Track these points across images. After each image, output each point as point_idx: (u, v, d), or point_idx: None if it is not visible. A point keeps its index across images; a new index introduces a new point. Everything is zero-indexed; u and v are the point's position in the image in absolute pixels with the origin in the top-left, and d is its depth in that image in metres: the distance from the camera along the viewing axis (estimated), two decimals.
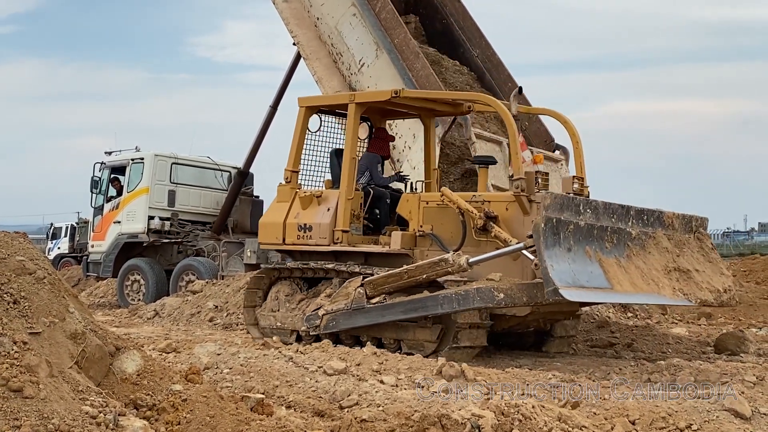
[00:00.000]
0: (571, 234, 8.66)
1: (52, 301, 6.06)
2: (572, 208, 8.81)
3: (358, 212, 10.91)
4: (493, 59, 16.33)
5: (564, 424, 5.49)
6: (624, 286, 8.79)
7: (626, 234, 9.24)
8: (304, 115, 11.50)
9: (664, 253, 9.60)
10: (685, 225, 10.12)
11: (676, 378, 8.39)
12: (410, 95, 11.02)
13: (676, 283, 9.47)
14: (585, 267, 8.63)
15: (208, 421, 5.74)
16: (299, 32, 16.15)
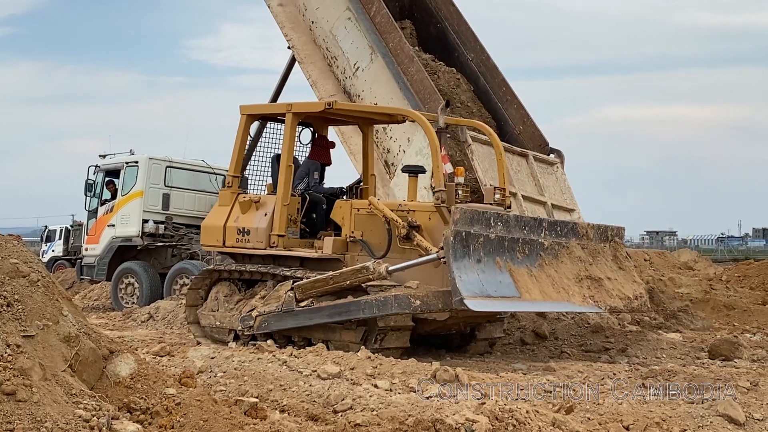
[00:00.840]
0: (481, 246, 9.14)
1: (45, 304, 6.04)
2: (482, 221, 9.24)
3: (295, 217, 11.31)
4: (487, 63, 16.34)
5: (558, 429, 5.49)
6: (533, 294, 9.29)
7: (539, 245, 9.73)
8: (245, 122, 11.88)
9: (577, 262, 10.09)
10: (600, 234, 10.58)
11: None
12: (343, 107, 11.39)
13: (586, 290, 9.94)
14: (495, 277, 9.15)
15: (202, 425, 5.73)
16: (294, 36, 16.15)
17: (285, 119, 11.37)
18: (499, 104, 16.15)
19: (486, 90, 16.30)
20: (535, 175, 14.86)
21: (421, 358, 9.56)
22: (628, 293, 10.45)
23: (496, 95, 16.20)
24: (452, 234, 8.95)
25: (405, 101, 14.34)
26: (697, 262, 22.12)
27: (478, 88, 16.41)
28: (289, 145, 11.25)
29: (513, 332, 11.43)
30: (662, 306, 13.69)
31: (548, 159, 15.43)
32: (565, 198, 15.26)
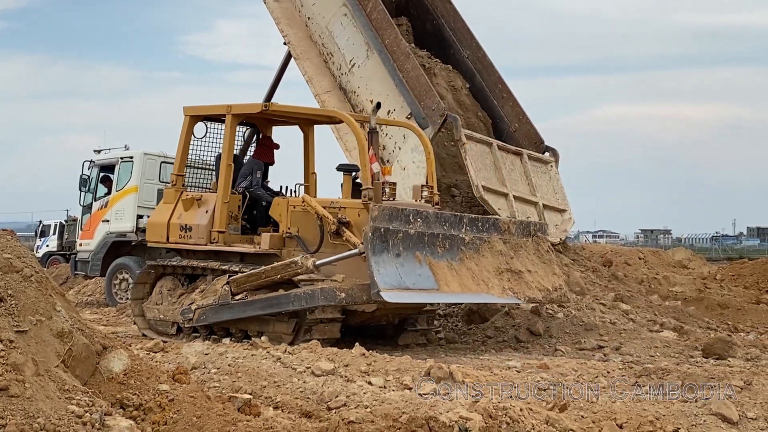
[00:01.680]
0: (400, 241, 9.63)
1: (39, 300, 6.02)
2: (402, 218, 9.74)
3: (236, 214, 11.70)
4: (483, 61, 16.34)
5: (551, 428, 5.49)
6: (452, 287, 9.84)
7: (459, 240, 10.20)
8: (188, 123, 12.25)
9: (498, 256, 10.57)
10: (523, 230, 11.11)
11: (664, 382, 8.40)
12: (279, 108, 11.67)
13: (506, 283, 10.45)
14: (414, 270, 9.66)
15: (195, 421, 5.71)
16: (290, 32, 16.12)
17: (225, 121, 11.73)
18: (494, 102, 16.16)
19: (482, 88, 16.30)
20: (529, 175, 14.86)
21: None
22: (548, 285, 10.92)
23: (492, 93, 16.20)
24: (370, 230, 9.41)
25: (401, 97, 14.34)
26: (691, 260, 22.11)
27: (474, 86, 16.41)
28: (229, 145, 11.68)
29: (507, 329, 11.44)
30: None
31: (543, 158, 15.43)
32: (557, 198, 15.26)
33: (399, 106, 14.45)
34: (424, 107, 13.98)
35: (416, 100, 14.09)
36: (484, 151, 14.24)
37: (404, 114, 14.31)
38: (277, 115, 12.04)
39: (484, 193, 13.65)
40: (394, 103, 14.50)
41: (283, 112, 11.88)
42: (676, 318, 13.05)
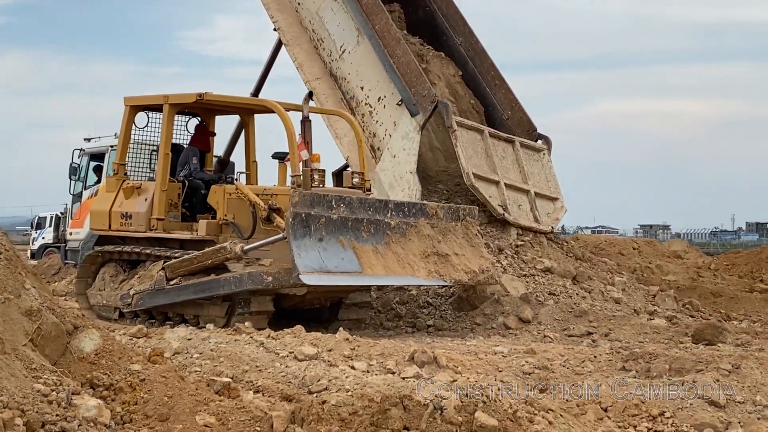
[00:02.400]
0: (323, 226, 9.84)
1: (7, 278, 5.88)
2: (324, 203, 9.93)
3: (176, 202, 11.94)
4: (476, 47, 16.16)
5: (530, 407, 5.35)
6: (376, 270, 10.06)
7: (385, 224, 10.43)
8: (128, 113, 12.48)
9: (425, 240, 10.78)
10: (451, 214, 11.30)
11: (651, 366, 8.26)
12: (212, 98, 11.83)
13: (432, 266, 10.67)
14: (337, 254, 9.90)
15: (166, 401, 5.57)
16: (280, 17, 15.95)
17: (163, 111, 12.00)
18: (487, 89, 15.99)
19: (474, 75, 16.13)
20: (521, 162, 14.71)
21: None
22: (475, 267, 11.13)
23: (485, 80, 16.03)
24: (291, 216, 9.61)
25: (391, 84, 14.18)
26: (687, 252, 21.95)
27: (467, 73, 16.24)
28: (166, 134, 11.94)
29: (496, 316, 11.31)
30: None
31: (535, 145, 15.28)
32: (549, 186, 15.11)
33: (389, 92, 14.29)
34: (414, 93, 13.82)
35: (407, 86, 13.93)
36: (476, 138, 14.09)
37: (395, 100, 14.17)
38: (213, 105, 12.31)
39: (475, 180, 13.51)
40: (385, 90, 14.35)
41: (217, 101, 12.09)
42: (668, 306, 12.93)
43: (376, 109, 14.44)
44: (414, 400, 5.03)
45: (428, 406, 4.98)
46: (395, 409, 4.97)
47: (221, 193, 11.30)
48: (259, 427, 5.25)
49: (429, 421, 4.89)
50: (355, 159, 14.66)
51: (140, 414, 5.49)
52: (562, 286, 12.68)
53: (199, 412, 5.46)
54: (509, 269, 12.70)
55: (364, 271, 9.99)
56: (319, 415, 5.23)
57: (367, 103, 14.62)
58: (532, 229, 14.12)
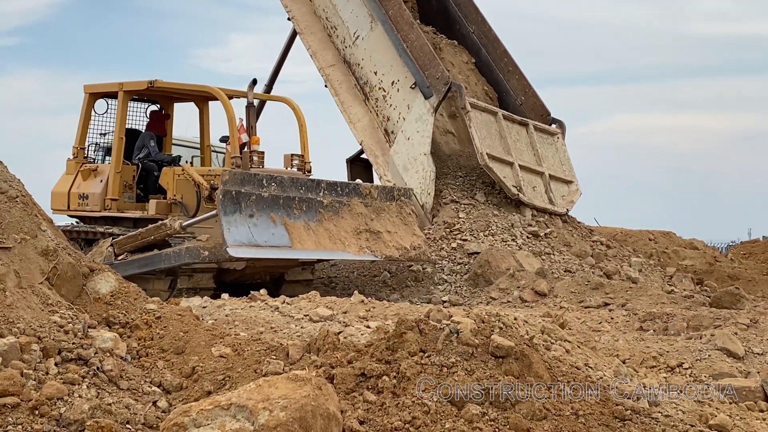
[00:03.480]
0: (253, 203, 10.23)
1: (23, 219, 5.91)
2: (254, 182, 10.34)
3: (131, 183, 12.66)
4: (489, 35, 16.17)
5: (547, 336, 5.32)
6: (306, 245, 10.55)
7: (317, 203, 10.88)
8: (87, 100, 13.14)
9: (358, 218, 11.25)
10: (386, 195, 11.82)
11: (668, 325, 8.23)
12: (163, 85, 12.52)
13: (364, 242, 11.16)
14: (267, 230, 10.32)
15: (182, 336, 5.58)
16: (294, 7, 16.00)
17: (118, 97, 12.70)
18: (500, 75, 15.98)
19: (488, 62, 16.14)
20: (534, 145, 14.69)
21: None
22: (406, 244, 11.60)
23: (498, 67, 16.03)
24: (222, 193, 10.04)
25: (404, 68, 14.19)
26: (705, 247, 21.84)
27: (480, 60, 16.25)
28: (121, 119, 12.62)
29: (512, 291, 11.25)
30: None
31: (549, 129, 15.25)
32: (563, 169, 15.08)
33: (403, 76, 14.30)
34: (428, 76, 13.83)
35: (420, 69, 13.94)
36: (489, 120, 14.09)
37: (408, 84, 14.16)
38: (164, 91, 12.96)
39: (489, 161, 13.49)
40: (399, 74, 14.36)
41: (167, 88, 12.74)
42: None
43: (390, 93, 14.45)
44: (430, 324, 5.02)
45: (444, 330, 4.97)
46: (411, 332, 4.95)
47: (171, 175, 12.04)
48: (275, 356, 5.24)
49: (445, 344, 4.88)
50: (370, 144, 14.71)
51: (156, 348, 5.50)
52: (578, 264, 12.63)
53: (214, 344, 5.46)
54: (524, 247, 12.66)
55: (294, 245, 10.45)
56: (335, 345, 5.22)
57: (380, 87, 14.64)
58: (547, 211, 14.09)
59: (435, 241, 12.91)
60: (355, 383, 4.71)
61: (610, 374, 5.40)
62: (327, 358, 5.06)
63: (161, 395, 4.94)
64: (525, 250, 12.47)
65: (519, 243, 12.77)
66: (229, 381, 4.99)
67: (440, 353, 4.79)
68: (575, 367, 5.05)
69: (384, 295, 11.74)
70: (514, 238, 12.86)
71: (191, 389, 4.99)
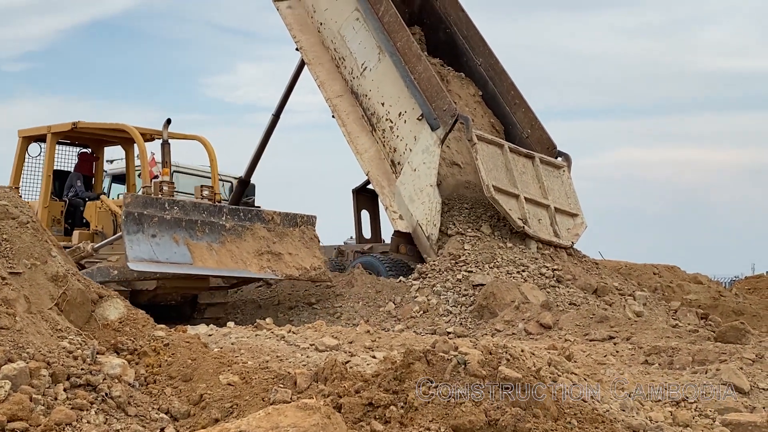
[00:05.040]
0: (156, 224, 11.14)
1: (34, 245, 5.96)
2: (157, 205, 11.30)
3: (59, 218, 13.41)
4: (496, 67, 16.27)
5: (554, 368, 5.33)
6: (207, 263, 11.45)
7: (220, 226, 11.85)
8: (21, 144, 13.75)
9: (260, 240, 12.24)
10: (289, 221, 12.82)
11: (674, 359, 8.22)
12: (85, 126, 13.18)
13: (265, 262, 12.16)
14: (170, 249, 11.19)
15: (190, 363, 5.60)
16: (302, 38, 16.13)
17: (47, 140, 13.35)
18: (507, 108, 16.06)
19: (494, 94, 16.23)
20: (540, 178, 14.73)
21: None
22: (306, 265, 12.66)
23: (505, 99, 16.12)
24: (124, 214, 10.93)
25: (412, 99, 14.28)
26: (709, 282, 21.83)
27: (487, 93, 16.34)
28: (49, 159, 13.35)
29: (517, 323, 11.25)
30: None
31: (555, 162, 15.30)
32: (569, 202, 15.11)
33: (410, 107, 14.39)
34: (435, 108, 13.90)
35: (427, 101, 14.02)
36: (496, 152, 14.15)
37: (415, 115, 14.25)
38: (86, 132, 13.55)
39: (495, 193, 13.53)
40: (406, 105, 14.45)
41: (88, 128, 13.39)
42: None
43: (397, 125, 14.54)
44: (437, 354, 5.03)
45: (452, 360, 4.98)
46: (419, 363, 4.97)
47: (93, 208, 12.90)
48: (282, 384, 5.26)
49: (453, 374, 4.89)
50: (376, 174, 14.78)
51: (164, 375, 5.52)
52: (582, 298, 12.63)
53: (222, 372, 5.48)
54: (529, 280, 12.67)
55: (195, 263, 11.32)
56: (342, 374, 5.23)
57: (387, 118, 14.72)
58: (552, 243, 14.11)
59: (440, 272, 12.93)
60: (363, 413, 4.73)
61: (617, 407, 5.40)
62: (335, 387, 5.08)
63: (169, 422, 4.96)
64: (530, 283, 12.48)
65: (524, 275, 12.78)
66: (236, 409, 5.01)
67: (448, 384, 4.80)
68: (582, 400, 5.06)
69: (389, 326, 11.74)
70: (519, 271, 12.87)
71: (199, 416, 5.00)
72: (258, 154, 18.18)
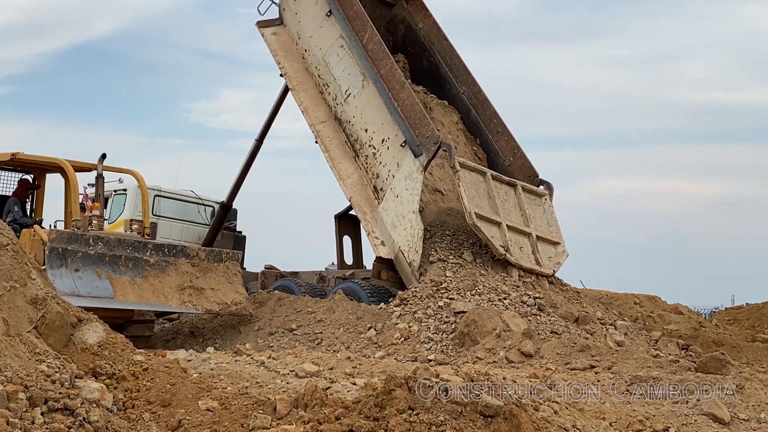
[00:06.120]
0: (79, 259, 11.69)
1: (13, 267, 5.91)
2: (81, 241, 11.84)
3: None
4: (479, 96, 16.37)
5: (535, 396, 5.32)
6: (129, 297, 12.01)
7: (144, 261, 12.47)
8: None
9: (183, 275, 12.86)
10: (214, 257, 13.49)
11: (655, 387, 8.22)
12: (23, 157, 13.51)
13: (186, 296, 12.76)
14: (92, 283, 11.72)
15: (169, 388, 5.56)
16: (287, 64, 16.18)
17: None
18: (490, 136, 16.15)
19: (477, 122, 16.31)
20: (522, 206, 14.77)
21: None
22: (227, 300, 13.28)
23: (487, 127, 16.21)
24: (48, 249, 11.41)
25: (395, 126, 14.32)
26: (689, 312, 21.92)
27: (470, 121, 16.43)
28: None
29: (498, 351, 11.24)
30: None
31: (537, 190, 15.36)
32: (551, 230, 15.15)
33: (393, 134, 14.42)
34: (418, 135, 13.94)
35: (410, 128, 14.06)
36: (478, 179, 14.18)
37: (398, 142, 14.28)
38: (24, 163, 13.83)
39: (477, 220, 13.56)
40: (389, 132, 14.49)
41: (25, 159, 13.67)
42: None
43: (380, 151, 14.56)
44: (419, 381, 5.02)
45: (433, 388, 4.97)
46: (400, 390, 4.95)
47: (28, 236, 12.93)
48: (262, 410, 5.23)
49: (434, 402, 4.88)
50: (358, 200, 14.80)
51: (142, 400, 5.48)
52: (564, 326, 12.63)
53: (201, 397, 5.44)
54: (510, 308, 12.67)
55: (117, 297, 11.83)
56: (322, 401, 5.21)
57: (371, 144, 14.76)
58: (534, 272, 14.13)
59: (422, 299, 12.91)
60: None
61: None
62: (315, 414, 5.06)
63: None
64: (512, 311, 12.48)
65: (506, 303, 12.79)
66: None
67: (429, 411, 4.79)
68: (563, 429, 5.05)
69: (370, 353, 11.71)
70: (500, 298, 12.87)
71: None
72: (240, 178, 18.17)
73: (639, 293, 19.79)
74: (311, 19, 16.09)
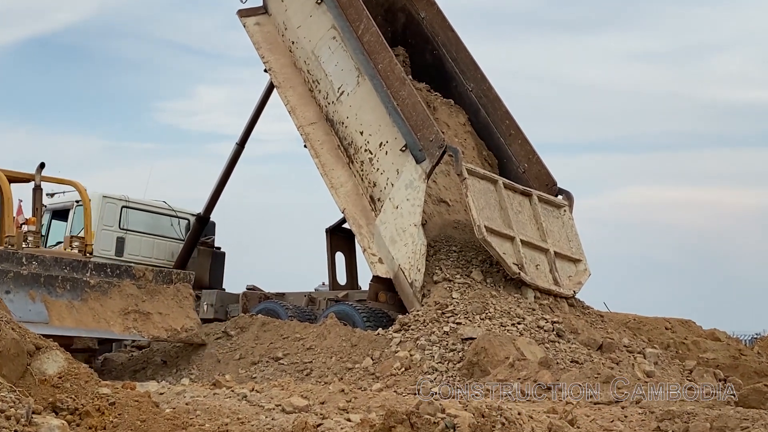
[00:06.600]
0: (11, 280, 11.92)
1: None
2: (14, 260, 12.08)
3: None
4: (489, 94, 16.40)
5: None
6: (66, 322, 12.22)
7: (84, 282, 12.73)
8: None
9: (127, 299, 13.17)
10: (163, 278, 13.83)
11: (690, 426, 8.22)
12: None
13: (131, 322, 13.06)
14: (25, 306, 11.91)
15: (139, 425, 5.56)
16: (271, 58, 16.23)
17: None
18: (501, 140, 16.18)
19: (487, 123, 16.35)
20: (539, 218, 14.79)
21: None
22: (177, 326, 13.58)
23: (499, 130, 16.24)
24: None
25: (394, 128, 14.35)
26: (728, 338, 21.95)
27: (479, 122, 16.46)
28: None
29: (511, 383, 11.24)
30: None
31: (555, 201, 15.38)
32: (571, 246, 15.15)
33: (393, 137, 14.45)
34: (420, 138, 13.96)
35: (412, 130, 14.07)
36: (488, 188, 14.20)
37: (398, 146, 14.31)
38: None
39: (488, 234, 13.56)
40: (387, 135, 14.51)
41: None
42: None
43: (377, 156, 14.59)
44: (422, 417, 5.02)
45: (439, 424, 4.97)
46: (401, 426, 4.96)
47: None
48: None
49: None
50: (353, 212, 14.82)
51: None
52: (586, 355, 12.64)
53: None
54: (525, 333, 12.67)
55: (52, 322, 12.00)
56: None
57: (367, 149, 14.79)
58: (552, 292, 14.14)
59: (425, 324, 12.92)
60: None
61: None
62: None
63: None
64: (527, 337, 12.48)
65: (520, 328, 12.79)
66: None
67: None
68: None
69: (366, 384, 11.70)
70: (514, 323, 12.87)
71: None
72: (219, 188, 18.21)
73: (671, 317, 19.77)
74: (299, 7, 16.16)
